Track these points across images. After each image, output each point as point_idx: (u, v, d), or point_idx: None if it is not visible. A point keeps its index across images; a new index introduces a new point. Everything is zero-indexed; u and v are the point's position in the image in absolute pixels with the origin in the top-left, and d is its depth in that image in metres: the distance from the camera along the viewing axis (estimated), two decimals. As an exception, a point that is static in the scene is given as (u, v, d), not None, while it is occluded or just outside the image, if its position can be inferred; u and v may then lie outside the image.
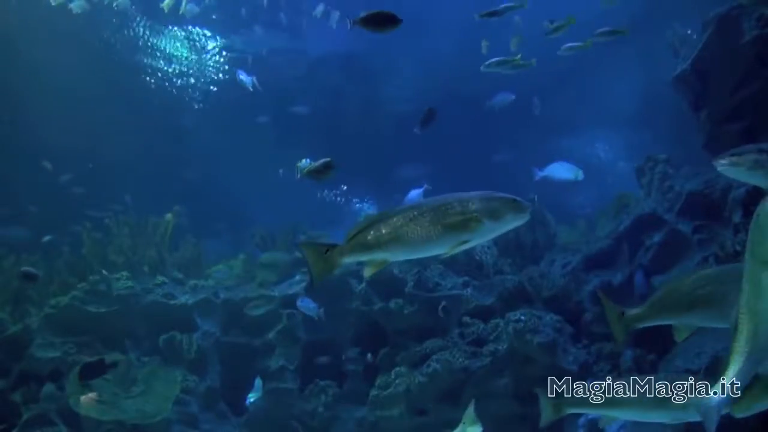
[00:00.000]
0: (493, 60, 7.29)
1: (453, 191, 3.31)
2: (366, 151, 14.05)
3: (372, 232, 3.30)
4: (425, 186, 9.86)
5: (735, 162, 3.75)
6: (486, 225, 3.16)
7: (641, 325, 3.80)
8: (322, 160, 5.68)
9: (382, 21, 5.05)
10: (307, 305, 7.82)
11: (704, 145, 8.31)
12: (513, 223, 3.26)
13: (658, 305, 3.77)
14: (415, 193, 9.73)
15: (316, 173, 5.61)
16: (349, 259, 3.38)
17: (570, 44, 7.32)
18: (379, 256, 3.33)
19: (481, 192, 3.25)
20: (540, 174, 9.36)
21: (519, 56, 7.26)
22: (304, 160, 6.12)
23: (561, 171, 9.36)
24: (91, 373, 6.80)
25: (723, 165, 3.77)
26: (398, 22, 5.09)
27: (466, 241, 3.20)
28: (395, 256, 3.35)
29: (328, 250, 3.36)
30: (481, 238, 3.28)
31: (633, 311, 3.89)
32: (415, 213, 3.22)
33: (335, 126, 14.79)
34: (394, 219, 3.27)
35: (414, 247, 3.26)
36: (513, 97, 10.50)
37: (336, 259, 3.35)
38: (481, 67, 7.25)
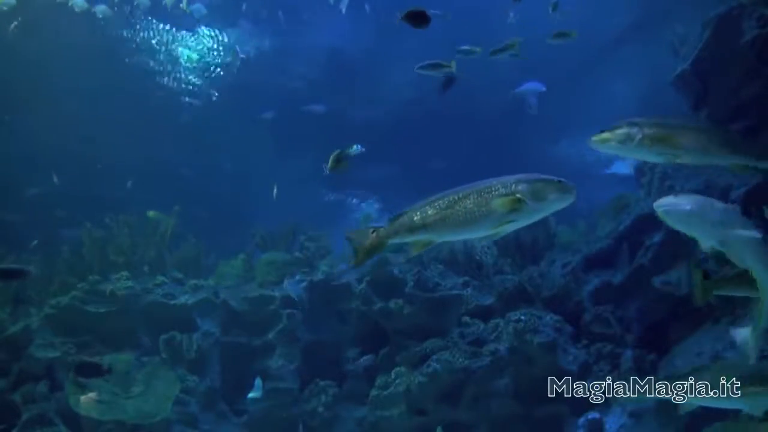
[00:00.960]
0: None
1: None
2: (368, 153, 14.03)
3: (418, 214, 3.38)
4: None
5: (605, 138, 3.74)
6: (530, 206, 3.19)
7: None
8: (333, 154, 5.69)
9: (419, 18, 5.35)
10: (293, 287, 7.93)
11: (704, 145, 8.31)
12: (557, 204, 3.27)
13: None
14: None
15: (335, 167, 5.65)
16: (395, 240, 3.46)
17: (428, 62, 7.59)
18: (424, 237, 3.40)
19: (525, 174, 3.29)
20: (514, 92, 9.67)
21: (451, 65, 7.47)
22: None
23: (529, 86, 9.62)
24: (88, 372, 6.77)
25: (594, 141, 3.77)
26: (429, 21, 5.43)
27: (510, 222, 3.25)
28: (440, 236, 3.41)
29: (374, 231, 3.47)
30: (527, 219, 3.31)
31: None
32: (460, 195, 3.29)
33: (337, 126, 14.79)
34: (439, 201, 3.34)
35: (458, 228, 3.32)
36: (543, 88, 10.31)
37: (382, 240, 3.45)
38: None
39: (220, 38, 14.12)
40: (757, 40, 7.21)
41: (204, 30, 13.94)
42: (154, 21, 13.30)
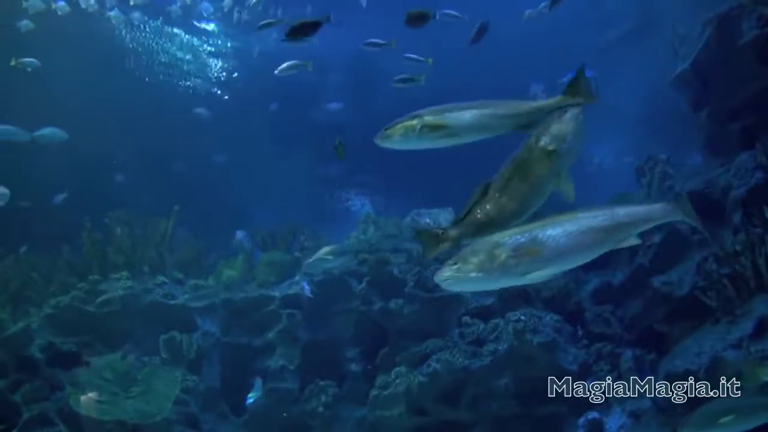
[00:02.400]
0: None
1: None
2: (368, 153, 14.05)
3: (479, 211, 3.40)
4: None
5: (387, 134, 3.74)
6: (562, 148, 3.25)
7: None
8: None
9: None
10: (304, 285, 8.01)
11: (704, 145, 8.32)
12: (580, 131, 3.31)
13: None
14: None
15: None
16: (465, 241, 3.44)
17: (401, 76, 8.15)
18: (490, 233, 3.39)
19: (537, 128, 3.34)
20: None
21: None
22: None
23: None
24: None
25: (379, 139, 3.78)
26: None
27: (559, 173, 3.29)
28: (507, 224, 3.40)
29: (443, 233, 3.47)
30: (570, 158, 3.32)
31: None
32: (504, 177, 3.33)
33: (338, 126, 14.79)
34: (491, 192, 3.37)
35: (521, 209, 3.37)
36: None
37: (450, 240, 3.44)
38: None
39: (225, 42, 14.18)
40: (757, 40, 7.22)
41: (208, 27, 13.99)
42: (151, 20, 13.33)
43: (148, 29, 13.72)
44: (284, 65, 8.03)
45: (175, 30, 14.02)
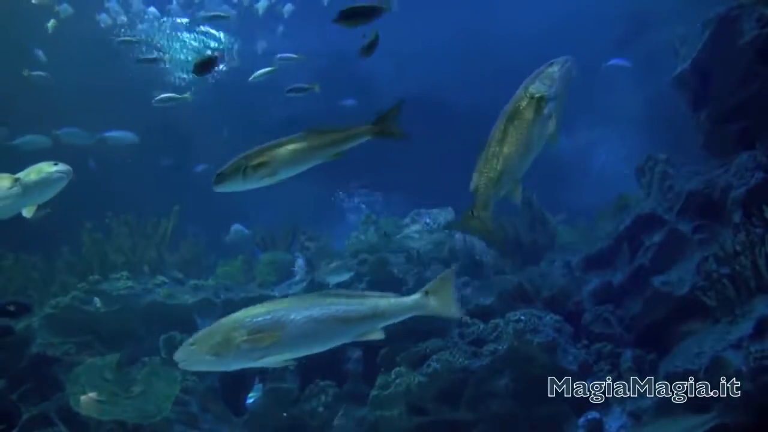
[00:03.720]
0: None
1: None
2: (368, 153, 14.04)
3: (489, 169, 3.53)
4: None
5: (218, 180, 3.98)
6: (550, 92, 3.41)
7: None
8: None
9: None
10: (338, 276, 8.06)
11: (704, 145, 8.32)
12: (565, 78, 3.46)
13: None
14: None
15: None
16: (491, 202, 3.62)
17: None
18: (508, 181, 3.55)
19: (525, 81, 3.50)
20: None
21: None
22: None
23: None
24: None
25: (214, 185, 4.01)
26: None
27: (550, 117, 3.45)
28: (517, 173, 3.57)
29: (472, 212, 3.68)
30: (559, 106, 3.47)
31: None
32: (500, 132, 3.48)
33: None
34: (491, 149, 3.52)
35: (524, 154, 3.51)
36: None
37: (481, 209, 3.64)
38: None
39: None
40: (757, 40, 7.22)
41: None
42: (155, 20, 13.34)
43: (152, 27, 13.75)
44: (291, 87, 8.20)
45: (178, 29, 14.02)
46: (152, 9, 13.12)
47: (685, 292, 6.86)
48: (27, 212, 4.64)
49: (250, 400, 7.85)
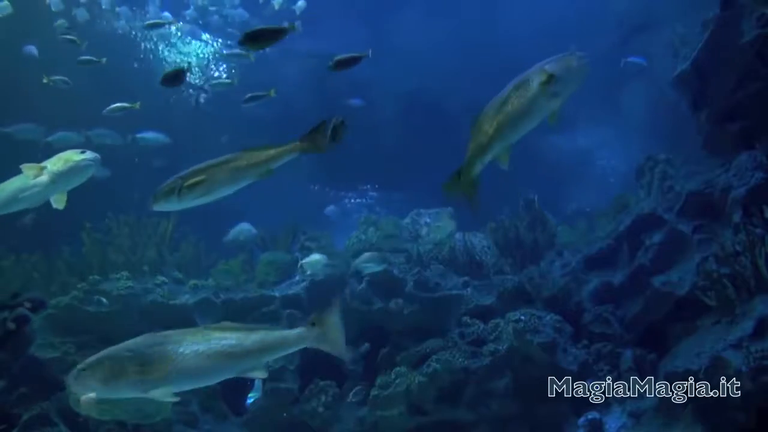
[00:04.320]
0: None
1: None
2: (368, 153, 14.04)
3: (480, 133, 3.71)
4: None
5: (155, 199, 4.10)
6: (563, 77, 3.54)
7: None
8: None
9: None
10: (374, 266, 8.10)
11: (704, 145, 8.32)
12: (583, 70, 3.60)
13: None
14: None
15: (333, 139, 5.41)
16: (479, 166, 3.78)
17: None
18: (498, 147, 3.71)
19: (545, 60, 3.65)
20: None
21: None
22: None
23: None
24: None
25: (151, 205, 4.13)
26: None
27: (556, 96, 3.57)
28: (509, 139, 3.70)
29: (458, 173, 3.80)
30: (566, 91, 3.60)
31: None
32: (503, 98, 3.63)
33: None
34: (488, 113, 3.68)
35: (519, 123, 3.64)
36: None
37: (467, 173, 3.78)
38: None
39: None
40: (757, 40, 7.22)
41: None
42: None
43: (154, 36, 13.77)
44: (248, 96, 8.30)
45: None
46: (166, 14, 13.12)
47: (685, 292, 6.86)
48: (55, 201, 4.60)
49: (250, 400, 7.85)
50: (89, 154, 4.54)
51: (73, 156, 4.53)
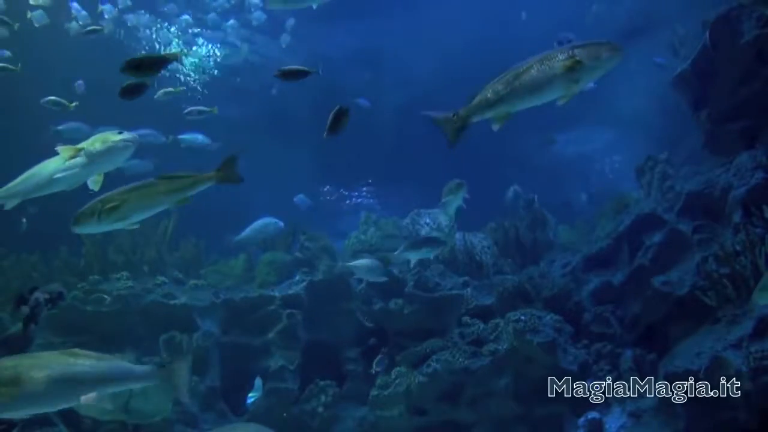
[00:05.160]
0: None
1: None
2: (367, 152, 14.05)
3: (490, 91, 3.79)
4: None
5: (75, 222, 4.28)
6: (587, 65, 3.61)
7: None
8: (332, 113, 5.20)
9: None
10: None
11: (704, 145, 8.32)
12: (612, 61, 3.68)
13: None
14: None
15: (333, 128, 5.30)
16: (476, 117, 3.89)
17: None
18: (501, 109, 3.81)
19: (577, 41, 3.75)
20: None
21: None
22: None
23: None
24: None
25: (73, 228, 4.35)
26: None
27: (576, 82, 3.66)
28: (514, 106, 3.80)
29: (454, 115, 3.89)
30: (588, 78, 3.72)
31: None
32: (524, 67, 3.71)
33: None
34: (507, 76, 3.76)
35: (530, 95, 3.74)
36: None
37: (465, 119, 3.87)
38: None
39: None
40: (757, 40, 7.22)
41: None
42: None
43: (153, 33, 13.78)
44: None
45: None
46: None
47: (685, 292, 6.86)
48: (92, 183, 4.57)
49: (250, 400, 7.84)
50: (127, 135, 4.51)
51: (110, 137, 4.49)
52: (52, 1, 10.85)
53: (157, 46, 13.87)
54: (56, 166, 4.52)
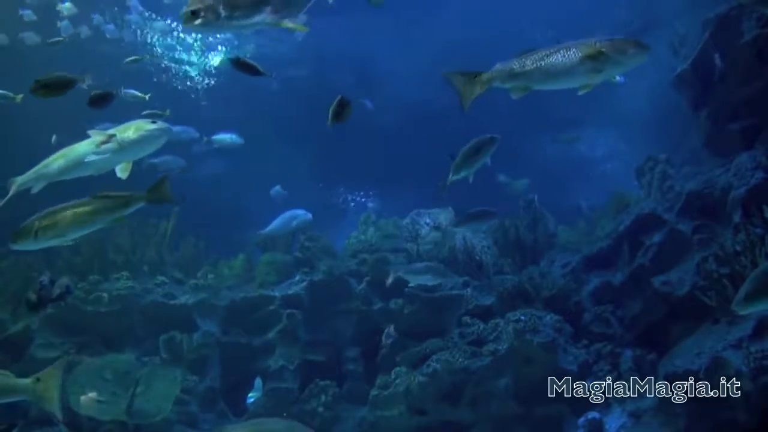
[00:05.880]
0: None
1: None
2: (367, 153, 14.04)
3: (516, 63, 3.88)
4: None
5: (14, 239, 4.39)
6: (612, 58, 3.73)
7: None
8: (334, 103, 5.11)
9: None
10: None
11: (704, 145, 8.32)
12: (636, 59, 3.79)
13: None
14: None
15: (335, 118, 5.12)
16: (495, 84, 3.96)
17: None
18: (522, 82, 3.89)
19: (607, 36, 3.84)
20: None
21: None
22: None
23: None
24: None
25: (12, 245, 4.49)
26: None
27: (598, 72, 3.78)
28: (535, 83, 3.90)
29: (476, 76, 3.93)
30: (611, 71, 3.84)
31: None
32: (552, 50, 3.82)
33: (338, 126, 14.75)
34: (535, 54, 3.85)
35: (552, 77, 3.85)
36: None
37: (483, 83, 3.92)
38: None
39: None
40: (757, 40, 7.22)
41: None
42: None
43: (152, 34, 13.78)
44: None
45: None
46: None
47: (685, 292, 6.85)
48: (120, 171, 4.54)
49: (250, 400, 7.85)
50: (161, 124, 4.45)
51: (144, 125, 4.42)
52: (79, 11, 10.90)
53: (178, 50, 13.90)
54: (87, 149, 4.44)
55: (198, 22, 3.44)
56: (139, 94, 8.15)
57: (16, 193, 4.72)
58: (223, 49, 14.54)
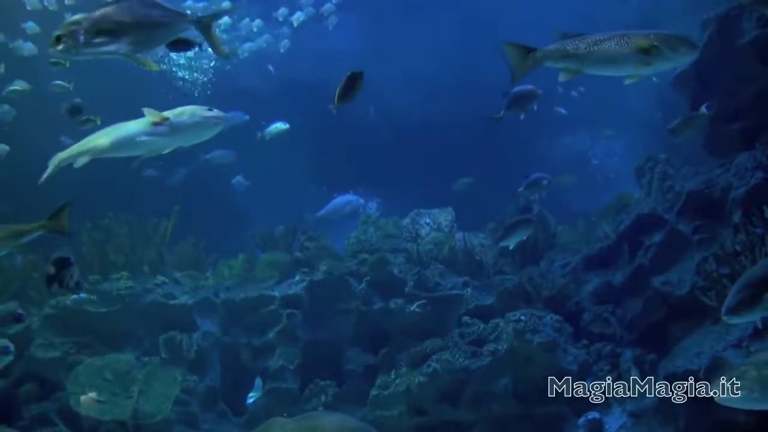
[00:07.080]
0: None
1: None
2: (367, 153, 14.05)
3: (570, 45, 3.93)
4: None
5: None
6: (664, 52, 3.77)
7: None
8: (341, 83, 4.81)
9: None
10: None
11: (704, 145, 8.31)
12: (686, 57, 3.91)
13: None
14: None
15: (344, 96, 4.81)
16: (548, 62, 4.00)
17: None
18: (574, 65, 3.95)
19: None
20: None
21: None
22: None
23: None
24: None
25: None
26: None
27: (647, 65, 3.83)
28: (587, 68, 3.96)
29: (530, 52, 3.96)
30: (660, 65, 3.88)
31: None
32: (606, 36, 3.89)
33: (337, 126, 14.78)
34: (588, 39, 3.91)
35: (603, 63, 3.91)
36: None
37: (537, 59, 3.97)
38: None
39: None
40: (757, 40, 7.22)
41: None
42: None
43: None
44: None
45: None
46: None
47: (685, 292, 6.86)
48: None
49: (250, 400, 7.85)
50: (217, 112, 4.32)
51: (199, 111, 4.30)
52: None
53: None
54: (140, 128, 4.29)
55: (60, 48, 3.56)
56: (66, 84, 8.30)
57: (57, 169, 4.58)
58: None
